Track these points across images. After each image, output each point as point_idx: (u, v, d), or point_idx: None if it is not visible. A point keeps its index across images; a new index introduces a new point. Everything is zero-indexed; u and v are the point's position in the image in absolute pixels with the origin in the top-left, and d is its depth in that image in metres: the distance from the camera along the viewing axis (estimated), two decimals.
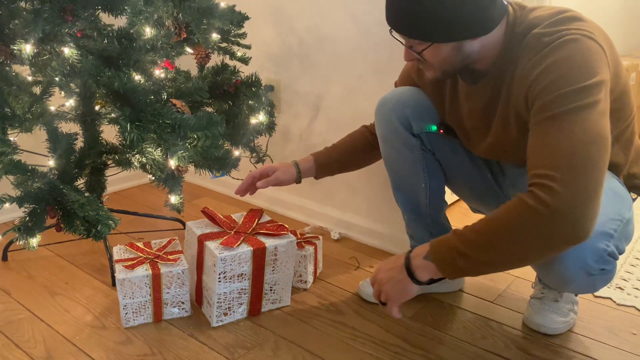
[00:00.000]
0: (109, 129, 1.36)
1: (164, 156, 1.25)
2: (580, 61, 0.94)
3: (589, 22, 1.00)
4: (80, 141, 1.33)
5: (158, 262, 1.29)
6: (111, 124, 1.28)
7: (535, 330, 1.29)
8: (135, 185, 2.20)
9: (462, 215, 1.87)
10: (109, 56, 1.24)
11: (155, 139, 1.22)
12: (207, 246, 1.28)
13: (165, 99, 1.32)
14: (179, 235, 1.63)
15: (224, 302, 1.28)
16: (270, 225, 1.37)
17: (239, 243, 1.26)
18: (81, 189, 1.33)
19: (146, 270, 1.26)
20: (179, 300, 1.31)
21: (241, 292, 1.30)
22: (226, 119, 1.46)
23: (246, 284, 1.29)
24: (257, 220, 1.38)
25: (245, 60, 1.58)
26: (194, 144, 1.28)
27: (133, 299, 1.26)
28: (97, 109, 1.41)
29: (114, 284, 1.46)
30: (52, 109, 1.31)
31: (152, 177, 1.36)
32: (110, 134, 1.37)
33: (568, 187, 0.87)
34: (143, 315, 1.29)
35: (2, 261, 1.58)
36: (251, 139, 1.60)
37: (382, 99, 1.32)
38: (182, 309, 1.33)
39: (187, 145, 1.26)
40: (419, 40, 1.04)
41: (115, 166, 1.41)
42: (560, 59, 0.95)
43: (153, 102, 1.24)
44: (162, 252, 1.33)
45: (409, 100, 1.29)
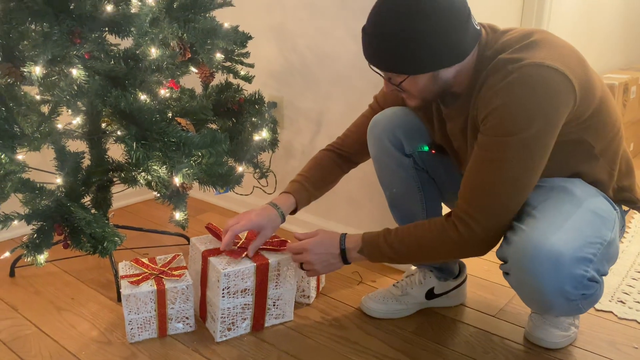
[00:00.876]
0: (115, 147, 1.39)
1: (169, 174, 1.27)
2: (527, 107, 0.99)
3: (555, 46, 1.03)
4: (87, 159, 1.35)
5: (163, 277, 1.31)
6: (117, 142, 1.30)
7: (536, 344, 1.30)
8: (140, 201, 2.22)
9: None
10: (116, 76, 1.27)
11: (160, 156, 1.25)
12: (210, 262, 1.29)
13: (171, 117, 1.34)
14: (183, 251, 1.65)
15: (227, 317, 1.30)
16: (273, 240, 1.38)
17: (242, 256, 1.28)
18: (87, 205, 1.36)
19: (151, 286, 1.27)
20: (184, 316, 1.33)
21: (245, 308, 1.32)
22: (230, 136, 1.49)
23: (249, 299, 1.31)
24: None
25: (248, 79, 1.61)
26: (198, 161, 1.30)
27: (138, 314, 1.28)
28: (103, 127, 1.44)
29: (119, 300, 1.48)
30: (60, 127, 1.33)
31: (157, 194, 1.38)
32: (116, 152, 1.40)
33: (483, 228, 1.07)
34: (148, 331, 1.31)
35: (9, 277, 1.60)
36: (254, 155, 1.63)
37: (373, 120, 1.33)
38: (187, 324, 1.34)
39: (192, 162, 1.28)
40: (396, 74, 1.07)
41: (121, 183, 1.43)
42: (509, 102, 1.00)
43: (158, 120, 1.26)
44: (167, 268, 1.35)
45: (400, 121, 1.30)
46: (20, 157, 1.23)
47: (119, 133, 1.38)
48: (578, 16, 2.71)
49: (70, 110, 1.28)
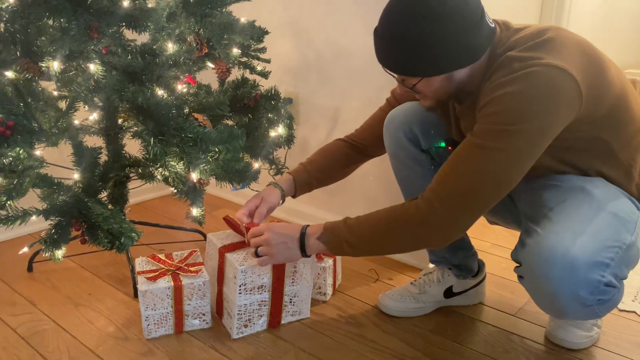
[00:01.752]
0: (132, 143, 1.39)
1: (186, 169, 1.27)
2: (527, 101, 0.95)
3: (566, 45, 0.99)
4: (104, 155, 1.35)
5: (179, 273, 1.31)
6: (134, 137, 1.30)
7: (558, 344, 1.28)
8: (156, 197, 2.23)
9: (480, 225, 1.85)
10: (133, 72, 1.27)
11: (177, 152, 1.24)
12: (228, 258, 1.29)
13: (187, 113, 1.34)
14: (199, 247, 1.65)
15: (244, 314, 1.29)
16: None
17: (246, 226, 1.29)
18: (104, 201, 1.36)
19: (168, 282, 1.27)
20: (200, 312, 1.33)
21: (261, 304, 1.31)
22: (246, 132, 1.48)
23: (266, 295, 1.30)
24: None
25: (265, 75, 1.60)
26: (215, 157, 1.30)
27: (155, 310, 1.28)
28: (120, 122, 1.44)
29: (135, 296, 1.48)
30: (77, 123, 1.34)
31: (174, 190, 1.38)
32: (133, 147, 1.40)
33: (445, 212, 1.01)
34: (164, 327, 1.31)
35: (27, 272, 1.61)
36: (270, 151, 1.62)
37: (389, 115, 1.32)
38: (203, 320, 1.34)
39: (209, 158, 1.28)
40: (410, 77, 1.05)
41: (138, 179, 1.43)
42: (511, 93, 0.96)
43: (175, 116, 1.26)
44: (184, 264, 1.35)
45: (416, 116, 1.28)
46: (38, 152, 1.23)
47: (135, 129, 1.37)
48: (598, 11, 2.66)
49: (87, 106, 1.28)
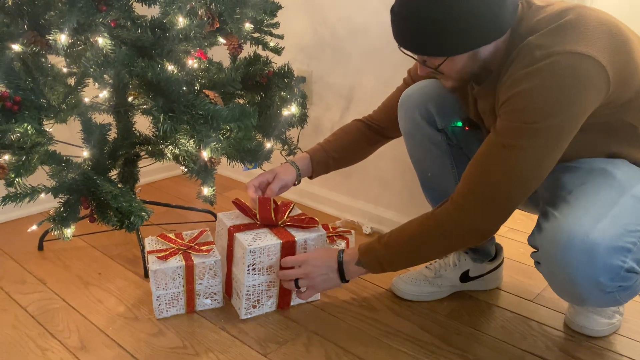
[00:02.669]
0: (142, 120, 1.36)
1: (197, 147, 1.24)
2: (552, 95, 0.91)
3: (590, 27, 0.93)
4: (113, 132, 1.33)
5: (191, 253, 1.28)
6: (144, 114, 1.27)
7: (578, 332, 1.24)
8: (167, 177, 2.21)
9: None
10: (142, 46, 1.23)
11: (188, 130, 1.21)
12: (237, 238, 1.26)
13: (198, 89, 1.30)
14: (210, 227, 1.63)
15: (252, 295, 1.27)
16: (301, 217, 1.34)
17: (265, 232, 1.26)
18: (114, 180, 1.33)
19: (179, 261, 1.25)
20: (212, 292, 1.31)
21: (270, 285, 1.28)
22: (258, 111, 1.44)
23: (275, 276, 1.27)
24: (287, 212, 1.35)
25: (278, 51, 1.56)
26: (226, 135, 1.26)
27: (166, 290, 1.26)
28: (130, 100, 1.41)
29: (146, 275, 1.46)
30: (86, 100, 1.31)
31: (185, 169, 1.35)
32: (143, 125, 1.37)
33: (476, 213, 1.02)
34: (176, 307, 1.29)
35: (38, 251, 1.60)
36: (283, 131, 1.58)
37: (404, 94, 1.27)
38: (215, 300, 1.32)
39: (220, 136, 1.24)
40: (434, 57, 1.00)
41: (149, 157, 1.40)
42: (533, 88, 0.92)
43: (186, 92, 1.22)
44: (194, 243, 1.32)
45: (432, 94, 1.24)
46: (47, 129, 1.20)
47: (145, 106, 1.34)
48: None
49: (96, 83, 1.25)
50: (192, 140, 1.23)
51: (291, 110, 1.55)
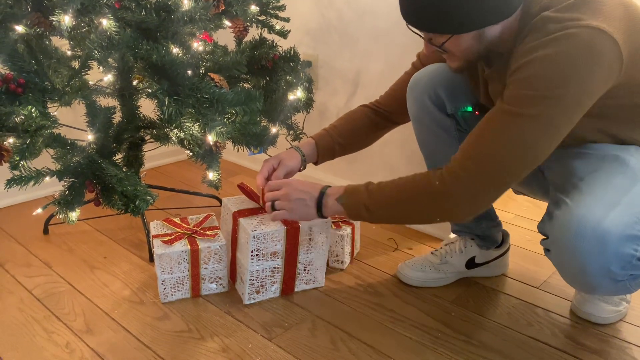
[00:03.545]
0: (147, 103, 1.35)
1: (202, 131, 1.23)
2: (561, 67, 0.88)
3: (606, 4, 0.91)
4: (118, 116, 1.32)
5: (196, 237, 1.28)
6: (149, 98, 1.26)
7: (584, 319, 1.23)
8: (172, 162, 2.20)
9: (504, 196, 1.79)
10: (147, 28, 1.21)
11: (193, 113, 1.20)
12: (241, 223, 1.26)
13: (203, 73, 1.29)
14: (215, 212, 1.62)
15: (256, 280, 1.27)
16: None
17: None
18: (119, 164, 1.33)
19: (185, 245, 1.25)
20: (217, 276, 1.30)
21: (274, 271, 1.28)
22: (264, 95, 1.42)
23: (279, 262, 1.27)
24: None
25: (283, 34, 1.54)
26: (232, 119, 1.25)
27: (171, 274, 1.26)
28: (134, 84, 1.40)
29: (151, 260, 1.46)
30: (91, 83, 1.30)
31: (190, 153, 1.34)
32: (148, 108, 1.36)
33: (470, 183, 0.96)
34: (181, 291, 1.29)
35: (43, 234, 1.60)
36: (288, 115, 1.56)
37: (413, 78, 1.25)
38: (220, 284, 1.32)
39: (225, 120, 1.23)
40: (438, 34, 0.98)
41: (154, 141, 1.39)
42: (545, 57, 0.89)
43: (191, 76, 1.21)
44: (199, 228, 1.32)
45: (442, 79, 1.22)
46: (51, 112, 1.19)
47: (150, 89, 1.33)
48: None
49: (101, 66, 1.23)
50: (197, 123, 1.21)
51: (297, 94, 1.53)
